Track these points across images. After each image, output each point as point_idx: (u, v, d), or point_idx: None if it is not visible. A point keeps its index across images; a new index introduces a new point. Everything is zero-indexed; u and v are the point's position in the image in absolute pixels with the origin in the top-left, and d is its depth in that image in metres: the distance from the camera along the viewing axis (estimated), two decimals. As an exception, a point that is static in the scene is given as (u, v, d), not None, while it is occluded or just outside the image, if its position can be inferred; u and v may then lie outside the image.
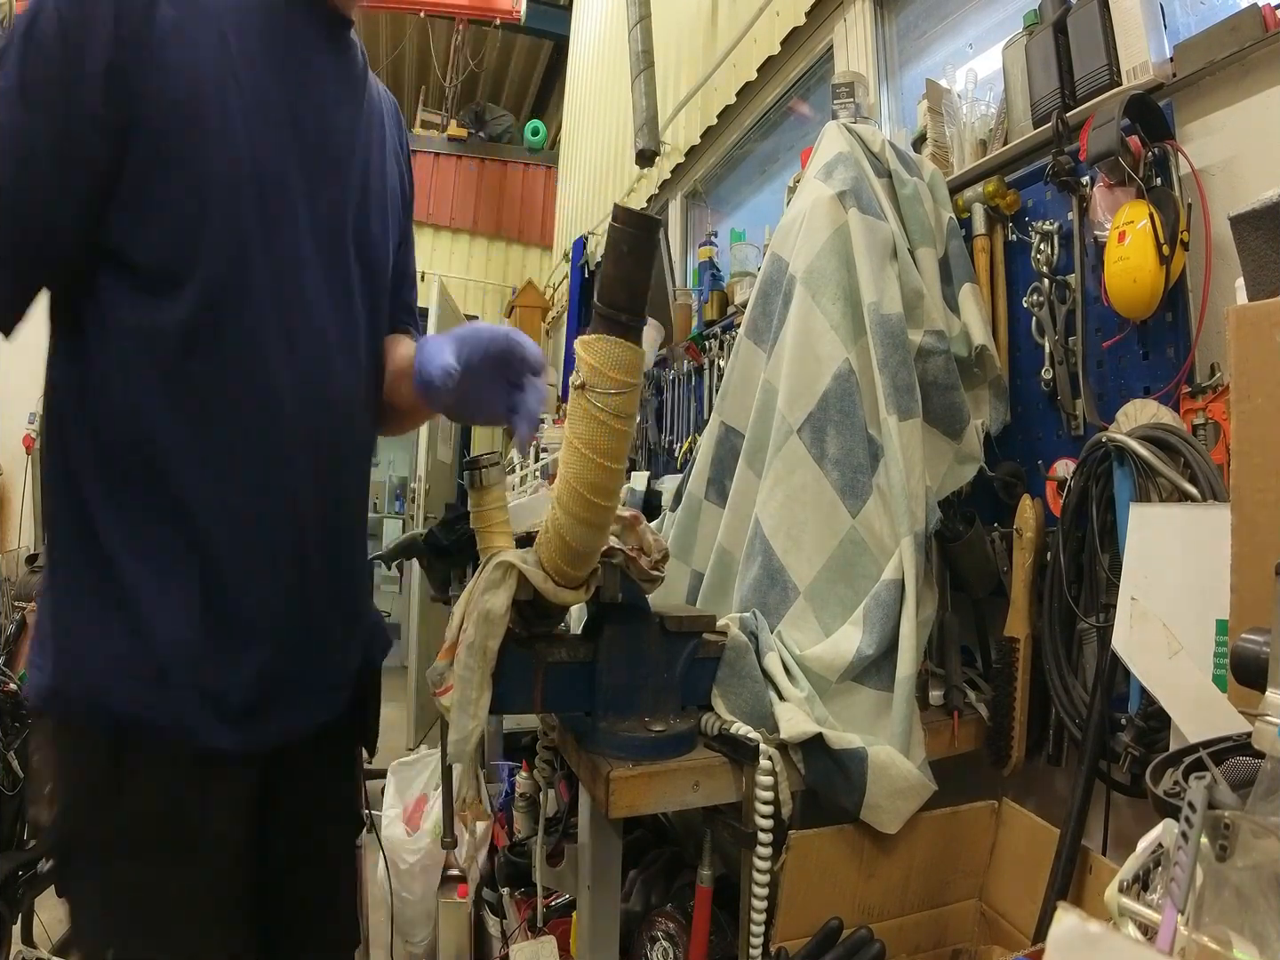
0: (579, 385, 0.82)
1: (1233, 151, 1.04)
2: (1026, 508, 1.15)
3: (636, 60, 3.23)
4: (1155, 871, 0.50)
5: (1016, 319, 1.30)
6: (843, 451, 1.11)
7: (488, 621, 0.85)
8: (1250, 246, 0.86)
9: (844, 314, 1.14)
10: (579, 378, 0.82)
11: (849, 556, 1.10)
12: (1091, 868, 0.95)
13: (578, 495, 0.83)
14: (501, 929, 1.81)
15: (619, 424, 0.82)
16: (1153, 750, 0.91)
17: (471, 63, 6.15)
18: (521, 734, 2.44)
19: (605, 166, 4.27)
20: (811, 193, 1.22)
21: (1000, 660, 1.15)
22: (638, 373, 0.82)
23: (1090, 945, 0.35)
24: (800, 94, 2.57)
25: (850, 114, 1.49)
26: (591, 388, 0.81)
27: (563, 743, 1.12)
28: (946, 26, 1.92)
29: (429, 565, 1.50)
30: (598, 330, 0.81)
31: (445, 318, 4.83)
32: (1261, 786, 0.46)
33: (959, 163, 1.47)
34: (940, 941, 1.09)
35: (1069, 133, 1.15)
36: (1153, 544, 0.87)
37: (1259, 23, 1.00)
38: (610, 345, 0.80)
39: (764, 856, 0.93)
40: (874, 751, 0.99)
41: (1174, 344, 1.07)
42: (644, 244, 0.80)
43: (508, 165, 6.38)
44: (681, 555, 1.36)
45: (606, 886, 1.03)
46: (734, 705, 1.01)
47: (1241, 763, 0.53)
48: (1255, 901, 0.40)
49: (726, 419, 1.33)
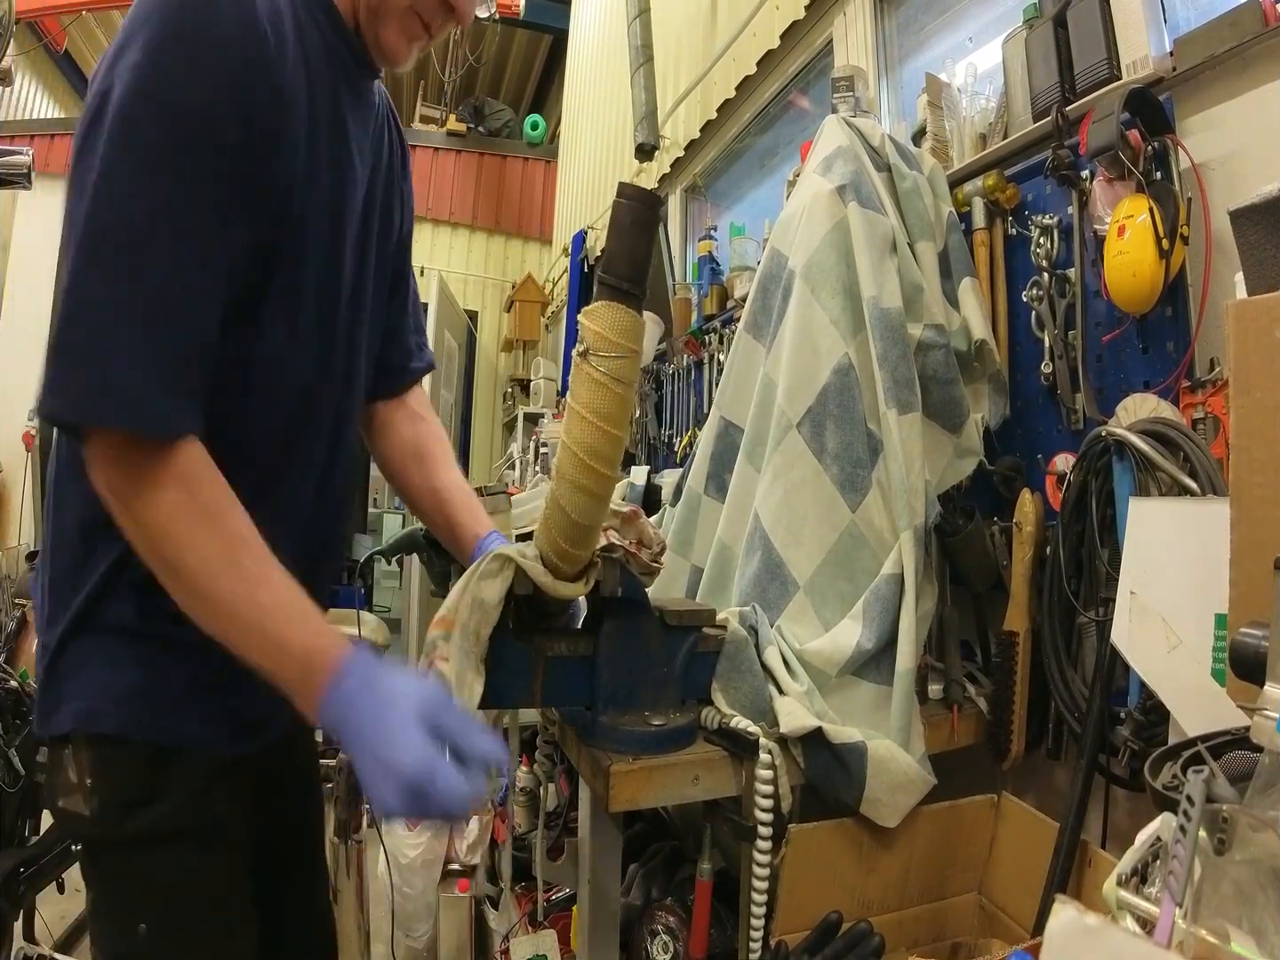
0: (582, 352, 0.84)
1: (1232, 146, 1.04)
2: (1026, 502, 1.15)
3: (636, 54, 3.23)
4: (1154, 865, 0.50)
5: (1016, 313, 1.30)
6: (842, 446, 1.11)
7: (481, 609, 0.85)
8: (1249, 241, 0.86)
9: (843, 308, 1.14)
10: (582, 345, 0.84)
11: (848, 551, 1.10)
12: (1090, 861, 0.95)
13: (579, 462, 0.84)
14: (503, 923, 1.81)
15: (620, 388, 0.84)
16: (1151, 744, 0.91)
17: (470, 57, 6.13)
18: (522, 729, 2.44)
19: (605, 161, 4.26)
20: (811, 187, 1.21)
21: (1000, 654, 1.15)
22: (639, 339, 0.85)
23: (1089, 938, 0.36)
24: (800, 88, 2.56)
25: (850, 108, 1.48)
26: (595, 352, 0.83)
27: (563, 737, 1.12)
28: (946, 20, 1.92)
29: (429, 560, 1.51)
30: (601, 298, 0.84)
31: (444, 312, 4.83)
32: (1260, 780, 0.46)
33: (959, 157, 1.47)
34: (940, 935, 1.09)
35: (1069, 127, 1.14)
36: (1152, 538, 0.87)
37: (1258, 17, 0.99)
38: (613, 311, 0.83)
39: (764, 850, 0.93)
40: (873, 746, 0.99)
41: (1173, 338, 1.07)
42: (646, 217, 0.84)
43: (507, 160, 6.36)
44: (681, 550, 1.36)
45: (607, 880, 1.04)
46: (734, 699, 1.01)
47: (1240, 757, 0.53)
48: (1253, 895, 0.40)
49: (726, 413, 1.33)
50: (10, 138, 4.82)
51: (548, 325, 5.64)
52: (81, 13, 5.36)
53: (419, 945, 2.09)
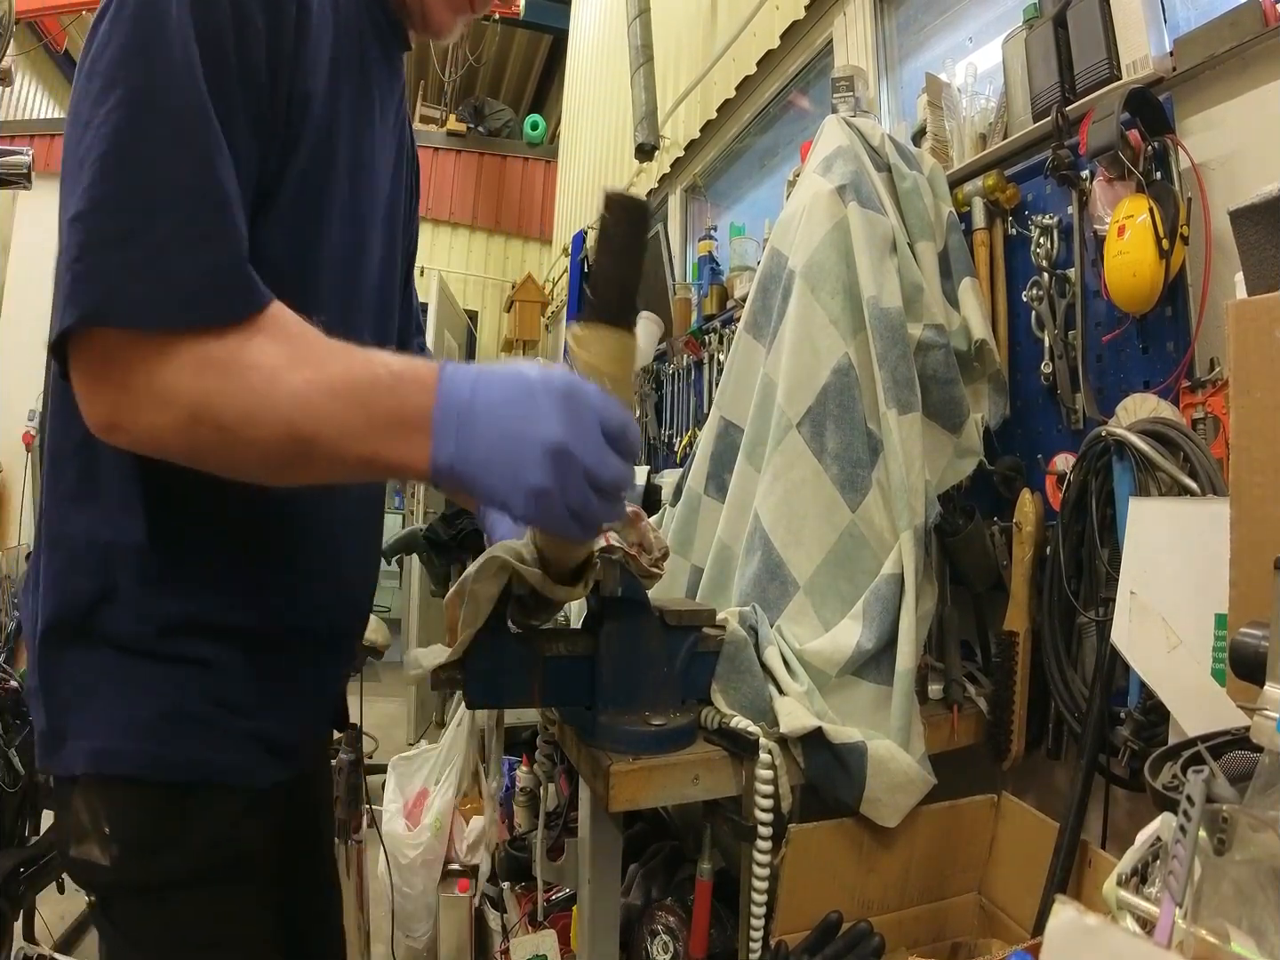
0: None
1: (1232, 146, 1.04)
2: (1026, 502, 1.15)
3: (636, 54, 3.23)
4: (1154, 865, 0.50)
5: (1016, 313, 1.30)
6: (842, 446, 1.11)
7: (474, 602, 0.86)
8: (1249, 241, 0.86)
9: (843, 308, 1.14)
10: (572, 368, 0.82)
11: (848, 551, 1.10)
12: (1090, 861, 0.95)
13: None
14: (502, 923, 1.81)
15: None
16: (1151, 744, 0.91)
17: (470, 57, 6.13)
18: (521, 729, 2.44)
19: (605, 161, 4.26)
20: (811, 187, 1.21)
21: (1000, 654, 1.15)
22: (632, 364, 0.80)
23: (1088, 938, 0.36)
24: (800, 88, 2.56)
25: (850, 108, 1.48)
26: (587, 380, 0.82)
27: (562, 737, 1.12)
28: (946, 20, 1.92)
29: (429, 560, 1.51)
30: (591, 322, 0.81)
31: (444, 312, 4.83)
32: (1260, 780, 0.46)
33: (958, 157, 1.47)
34: (940, 935, 1.09)
35: (1069, 127, 1.14)
36: (1152, 538, 0.87)
37: (1259, 17, 0.99)
38: (604, 338, 0.78)
39: (764, 850, 0.93)
40: (874, 746, 0.99)
41: (1173, 338, 1.07)
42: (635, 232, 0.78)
43: (507, 159, 6.36)
44: (681, 550, 1.36)
45: (607, 880, 1.04)
46: (734, 699, 1.01)
47: (1240, 757, 0.53)
48: (1253, 895, 0.40)
49: (726, 413, 1.33)
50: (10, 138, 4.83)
51: (548, 325, 5.64)
52: (81, 13, 5.36)
53: (419, 945, 2.10)
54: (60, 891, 1.88)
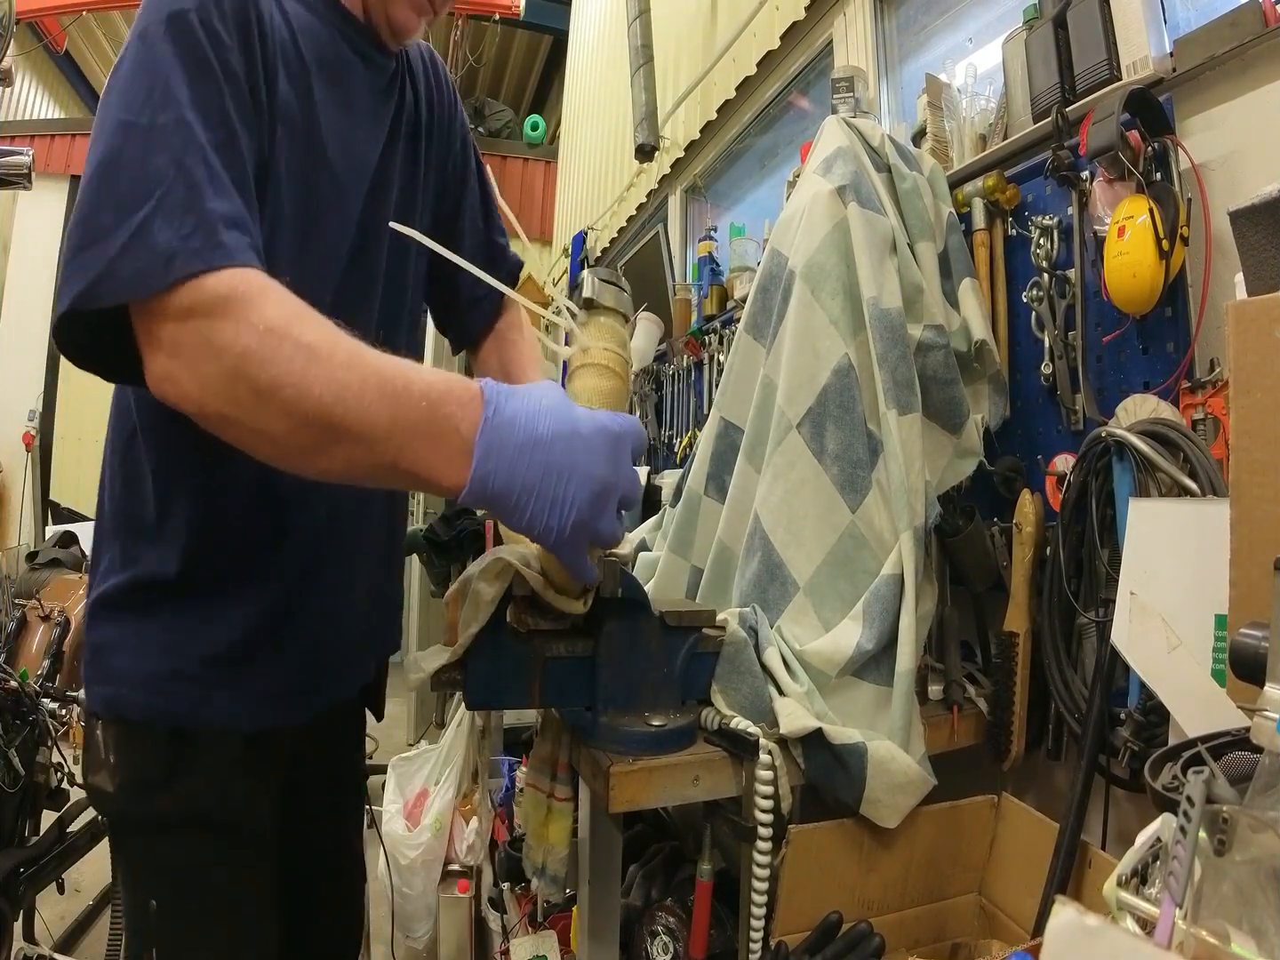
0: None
1: (1233, 146, 1.04)
2: (1026, 502, 1.15)
3: (636, 55, 3.23)
4: (1154, 866, 0.50)
5: (1016, 314, 1.30)
6: (842, 446, 1.11)
7: (475, 603, 0.86)
8: (1249, 242, 0.86)
9: (843, 309, 1.14)
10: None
11: (848, 551, 1.10)
12: (1090, 862, 0.95)
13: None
14: (502, 924, 1.81)
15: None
16: (1152, 745, 0.91)
17: (470, 58, 6.12)
18: (521, 729, 2.44)
19: (605, 161, 4.26)
20: (811, 187, 1.21)
21: (1000, 655, 1.15)
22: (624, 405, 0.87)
23: (1088, 938, 0.36)
24: (800, 88, 2.57)
25: (850, 109, 1.48)
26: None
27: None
28: (946, 21, 1.92)
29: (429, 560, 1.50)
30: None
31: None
32: (1260, 781, 0.46)
33: (958, 157, 1.47)
34: (940, 935, 1.09)
35: (1069, 127, 1.14)
36: (1152, 539, 0.87)
37: (1259, 17, 0.99)
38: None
39: (764, 851, 0.93)
40: (874, 746, 0.99)
41: (1174, 339, 1.07)
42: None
43: (507, 160, 6.36)
44: (681, 551, 1.36)
45: (607, 881, 1.04)
46: (733, 700, 1.01)
47: (1240, 757, 0.53)
48: (1253, 896, 0.40)
49: (726, 414, 1.33)
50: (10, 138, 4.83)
51: (547, 326, 5.63)
52: (82, 13, 5.37)
53: (419, 946, 2.10)
54: (60, 891, 1.88)
